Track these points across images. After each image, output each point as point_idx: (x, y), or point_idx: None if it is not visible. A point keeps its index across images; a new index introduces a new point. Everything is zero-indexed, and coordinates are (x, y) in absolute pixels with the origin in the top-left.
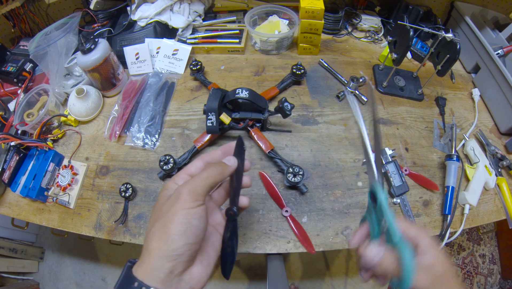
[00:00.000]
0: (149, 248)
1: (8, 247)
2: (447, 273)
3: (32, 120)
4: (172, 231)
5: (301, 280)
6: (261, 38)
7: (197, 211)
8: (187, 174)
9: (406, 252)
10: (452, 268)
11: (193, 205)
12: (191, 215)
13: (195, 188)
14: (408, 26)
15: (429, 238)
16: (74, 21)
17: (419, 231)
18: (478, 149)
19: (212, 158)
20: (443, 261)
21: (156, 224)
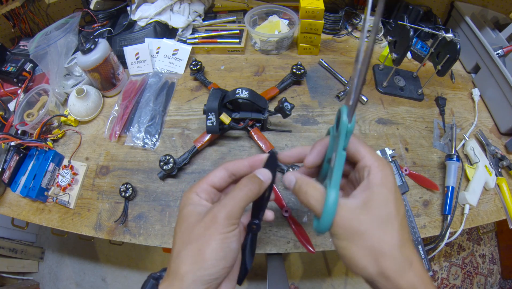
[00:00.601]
0: (180, 271)
1: (8, 247)
2: (388, 217)
3: (32, 120)
4: (210, 256)
5: (301, 280)
6: (261, 38)
7: (235, 234)
8: (208, 184)
9: (331, 196)
10: (397, 214)
11: (230, 228)
12: (229, 239)
13: (232, 211)
14: (408, 26)
15: (384, 171)
16: (74, 21)
17: (377, 161)
18: (478, 149)
19: (237, 168)
20: (387, 200)
21: (189, 246)
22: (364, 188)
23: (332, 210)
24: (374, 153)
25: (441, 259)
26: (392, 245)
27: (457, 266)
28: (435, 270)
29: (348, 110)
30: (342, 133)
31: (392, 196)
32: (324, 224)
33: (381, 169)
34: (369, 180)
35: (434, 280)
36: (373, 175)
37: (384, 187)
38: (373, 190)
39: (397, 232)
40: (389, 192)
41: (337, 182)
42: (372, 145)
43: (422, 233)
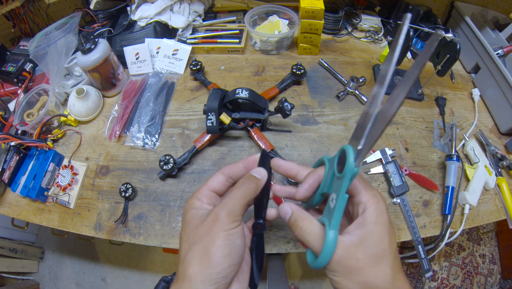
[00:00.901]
0: (188, 272)
1: (8, 247)
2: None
3: (32, 120)
4: (216, 253)
5: (301, 280)
6: (261, 38)
7: (238, 231)
8: (209, 189)
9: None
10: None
11: (233, 225)
12: (233, 235)
13: (233, 208)
14: (408, 26)
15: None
16: (74, 21)
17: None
18: (478, 149)
19: (233, 171)
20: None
21: (195, 247)
22: (359, 225)
23: (331, 251)
24: (369, 187)
25: (441, 259)
26: (385, 279)
27: (457, 266)
28: (435, 270)
29: (356, 154)
30: (346, 177)
31: (386, 233)
32: (322, 262)
33: (376, 205)
34: (364, 217)
35: (434, 280)
36: (368, 213)
37: (379, 225)
38: (368, 228)
39: (390, 267)
40: (384, 229)
41: (337, 223)
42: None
43: (422, 233)
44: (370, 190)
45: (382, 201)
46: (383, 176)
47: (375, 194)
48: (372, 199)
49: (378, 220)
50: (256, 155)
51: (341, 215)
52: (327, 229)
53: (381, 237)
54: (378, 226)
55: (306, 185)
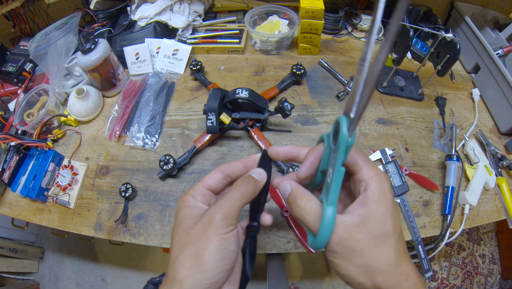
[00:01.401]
0: (179, 275)
1: (8, 247)
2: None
3: (32, 120)
4: (209, 258)
5: (301, 280)
6: (261, 38)
7: (232, 235)
8: (204, 187)
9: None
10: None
11: (228, 229)
12: (227, 240)
13: (229, 211)
14: (408, 26)
15: (382, 187)
16: (74, 21)
17: (375, 175)
18: (478, 149)
19: (232, 170)
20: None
21: (187, 250)
22: (361, 204)
23: (329, 229)
24: (372, 164)
25: (441, 259)
26: (388, 262)
27: (457, 266)
28: (435, 270)
29: (349, 123)
30: (341, 149)
31: (389, 213)
32: (320, 242)
33: (379, 183)
34: (366, 196)
35: (434, 280)
36: (371, 191)
37: (382, 204)
38: (370, 207)
39: (393, 249)
40: (387, 208)
41: (334, 199)
42: (372, 145)
43: (422, 233)
44: (373, 167)
45: (385, 179)
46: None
47: (378, 171)
48: (375, 177)
49: (380, 199)
50: (256, 155)
51: (338, 190)
52: (325, 206)
53: (383, 216)
54: (381, 205)
55: (307, 163)
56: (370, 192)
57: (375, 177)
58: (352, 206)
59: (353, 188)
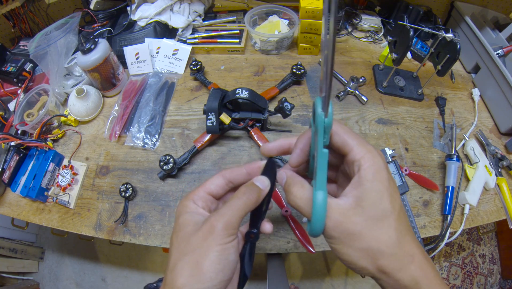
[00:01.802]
0: (177, 284)
1: (8, 247)
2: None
3: (32, 120)
4: (208, 269)
5: (301, 280)
6: (261, 38)
7: (233, 245)
8: (206, 192)
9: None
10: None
11: (229, 239)
12: (228, 250)
13: (230, 221)
14: (408, 26)
15: (375, 165)
16: (74, 21)
17: (367, 153)
18: (478, 149)
19: (235, 176)
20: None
21: (186, 258)
22: (356, 185)
23: (321, 213)
24: (363, 142)
25: (441, 259)
26: (390, 242)
27: (457, 266)
28: None
29: (322, 102)
30: (319, 129)
31: (386, 191)
32: (315, 228)
33: (372, 162)
34: (360, 175)
35: None
36: (364, 170)
37: (377, 182)
38: (365, 187)
39: (394, 229)
40: (383, 186)
41: (322, 182)
42: (372, 144)
43: (422, 233)
44: (364, 146)
45: (378, 156)
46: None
47: (370, 149)
48: (367, 155)
49: (375, 177)
50: (261, 162)
51: (325, 172)
52: (314, 191)
53: (379, 195)
54: (376, 183)
55: (297, 150)
56: (364, 171)
57: (367, 155)
58: (347, 188)
59: (348, 170)
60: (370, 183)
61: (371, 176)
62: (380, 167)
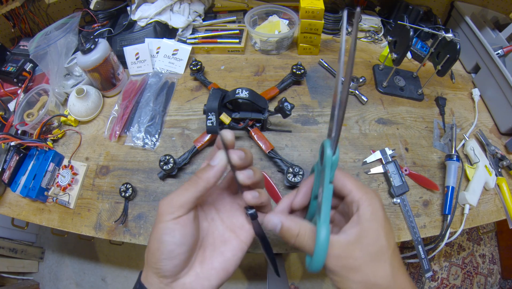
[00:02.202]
0: (147, 258)
1: (8, 247)
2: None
3: (32, 120)
4: (150, 245)
5: (301, 280)
6: (261, 38)
7: (169, 225)
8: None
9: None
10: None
11: (167, 218)
12: (162, 230)
13: (172, 200)
14: (408, 26)
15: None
16: (74, 21)
17: (365, 195)
18: (478, 149)
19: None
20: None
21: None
22: (355, 223)
23: (324, 248)
24: (361, 185)
25: (441, 259)
26: (385, 276)
27: (457, 266)
28: (435, 270)
29: (331, 143)
30: (327, 167)
31: (382, 230)
32: (317, 263)
33: (369, 202)
34: (359, 215)
35: (434, 280)
36: (363, 210)
37: (374, 221)
38: (363, 225)
39: (389, 264)
40: (379, 225)
41: (326, 217)
42: (372, 145)
43: (422, 233)
44: (362, 188)
45: (375, 197)
46: (383, 176)
47: (367, 191)
48: (365, 196)
49: (372, 217)
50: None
51: (329, 206)
52: (318, 225)
53: (377, 233)
54: (373, 222)
55: (300, 193)
56: (362, 211)
57: (365, 197)
58: (347, 226)
59: (346, 210)
60: (368, 222)
61: (369, 215)
62: (377, 208)
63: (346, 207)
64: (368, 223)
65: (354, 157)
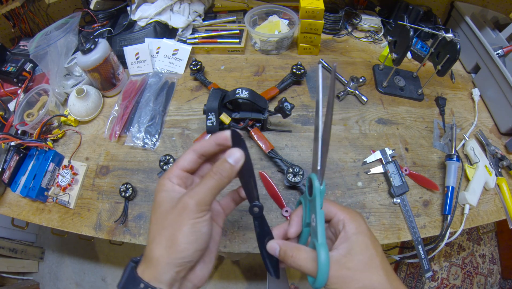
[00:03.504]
0: (155, 255)
1: (8, 247)
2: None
3: (32, 120)
4: (183, 240)
5: (301, 280)
6: (261, 38)
7: (205, 219)
8: (180, 169)
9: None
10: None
11: (200, 214)
12: (200, 224)
13: (203, 199)
14: (408, 26)
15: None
16: (74, 21)
17: (349, 214)
18: (478, 149)
19: (205, 149)
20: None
21: (163, 232)
22: (343, 239)
23: (326, 268)
24: (343, 207)
25: (441, 259)
26: (380, 280)
27: (457, 266)
28: (435, 270)
29: (318, 176)
30: (317, 196)
31: (368, 240)
32: (321, 282)
33: (353, 219)
34: (346, 231)
35: (434, 280)
36: (348, 226)
37: (360, 234)
38: (351, 239)
39: (381, 269)
40: (365, 237)
41: (323, 237)
42: (372, 145)
43: (422, 233)
44: (345, 209)
45: (358, 215)
46: (383, 176)
47: (349, 211)
48: (349, 215)
49: (358, 231)
50: (226, 131)
51: (323, 228)
52: (318, 248)
53: (364, 244)
54: (360, 235)
55: (293, 223)
56: (348, 227)
57: (348, 216)
58: (336, 243)
59: (334, 231)
60: (355, 236)
61: (355, 229)
62: (360, 223)
63: (333, 228)
64: (355, 236)
65: (354, 157)
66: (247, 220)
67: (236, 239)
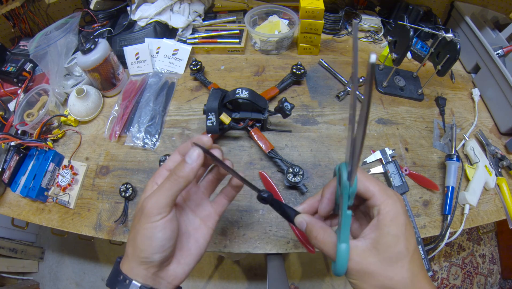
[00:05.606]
0: (127, 251)
1: (8, 247)
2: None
3: (32, 120)
4: (139, 242)
5: (301, 280)
6: (261, 38)
7: (160, 224)
8: (166, 169)
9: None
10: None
11: (156, 218)
12: (154, 228)
13: (158, 201)
14: (408, 26)
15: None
16: (74, 21)
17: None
18: (478, 149)
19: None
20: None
21: (132, 231)
22: (374, 228)
23: (344, 262)
24: (384, 188)
25: (441, 259)
26: (403, 282)
27: (457, 266)
28: (435, 270)
29: (349, 171)
30: (344, 195)
31: (402, 235)
32: (339, 271)
33: (391, 207)
34: (379, 219)
35: (434, 280)
36: (383, 215)
37: (394, 227)
38: (382, 230)
39: (407, 270)
40: (399, 230)
41: (346, 237)
42: (372, 145)
43: (422, 233)
44: (384, 192)
45: (398, 201)
46: (383, 176)
47: (390, 194)
48: (387, 201)
49: (392, 222)
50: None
51: (348, 229)
52: (338, 243)
53: (395, 239)
54: (393, 228)
55: (324, 200)
56: (382, 216)
57: (387, 201)
58: (366, 230)
59: (368, 212)
60: (387, 228)
61: (389, 220)
62: (399, 212)
63: (367, 209)
64: (387, 228)
65: None
66: (247, 220)
67: (236, 239)
